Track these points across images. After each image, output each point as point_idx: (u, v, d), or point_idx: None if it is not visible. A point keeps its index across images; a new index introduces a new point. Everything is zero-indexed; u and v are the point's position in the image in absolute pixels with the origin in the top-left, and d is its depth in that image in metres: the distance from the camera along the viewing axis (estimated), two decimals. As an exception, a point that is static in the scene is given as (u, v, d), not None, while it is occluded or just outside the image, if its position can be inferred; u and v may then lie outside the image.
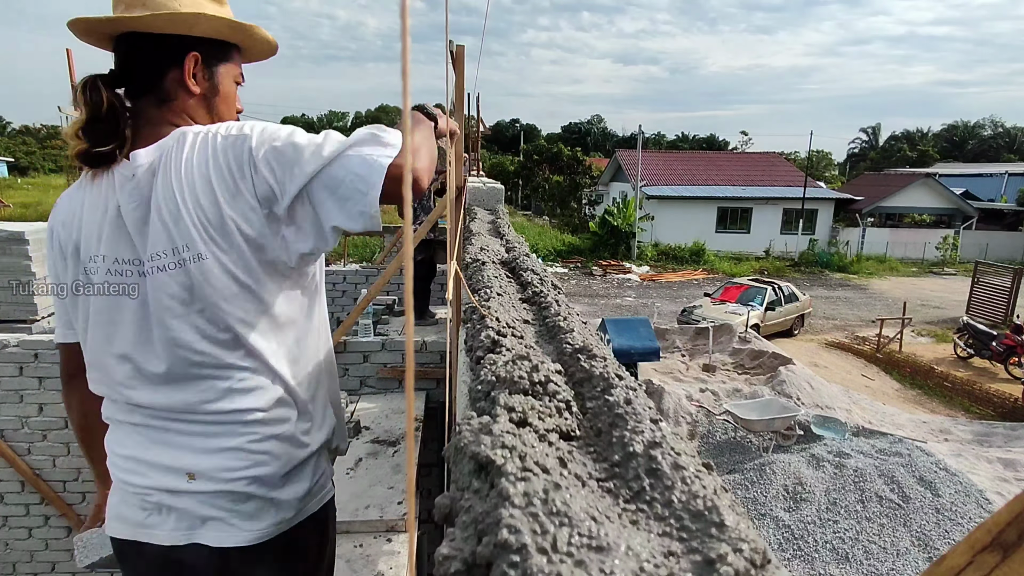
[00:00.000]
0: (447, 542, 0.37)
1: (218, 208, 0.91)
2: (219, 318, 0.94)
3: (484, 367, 0.68)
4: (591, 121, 77.74)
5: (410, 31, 0.30)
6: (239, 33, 1.05)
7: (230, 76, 1.07)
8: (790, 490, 5.75)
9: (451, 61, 2.10)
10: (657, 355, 7.78)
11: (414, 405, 0.38)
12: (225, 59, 1.06)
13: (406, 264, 0.38)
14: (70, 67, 5.69)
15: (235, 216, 0.91)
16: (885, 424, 7.93)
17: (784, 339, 13.08)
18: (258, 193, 0.92)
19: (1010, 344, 11.40)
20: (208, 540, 0.97)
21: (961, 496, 5.69)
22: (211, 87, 1.04)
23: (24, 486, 4.00)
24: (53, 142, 45.49)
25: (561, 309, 0.99)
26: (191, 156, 0.92)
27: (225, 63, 1.06)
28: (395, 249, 7.22)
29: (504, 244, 1.64)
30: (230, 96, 1.08)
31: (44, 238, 5.50)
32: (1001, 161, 46.73)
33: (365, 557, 2.23)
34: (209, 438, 0.97)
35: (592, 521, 0.38)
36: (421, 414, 3.62)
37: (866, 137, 74.54)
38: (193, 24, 0.98)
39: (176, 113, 1.01)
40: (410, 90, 0.30)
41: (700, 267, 22.67)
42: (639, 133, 27.60)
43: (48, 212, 1.14)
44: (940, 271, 24.40)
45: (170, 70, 0.99)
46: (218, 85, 1.05)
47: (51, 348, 3.83)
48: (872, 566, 4.97)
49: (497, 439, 0.45)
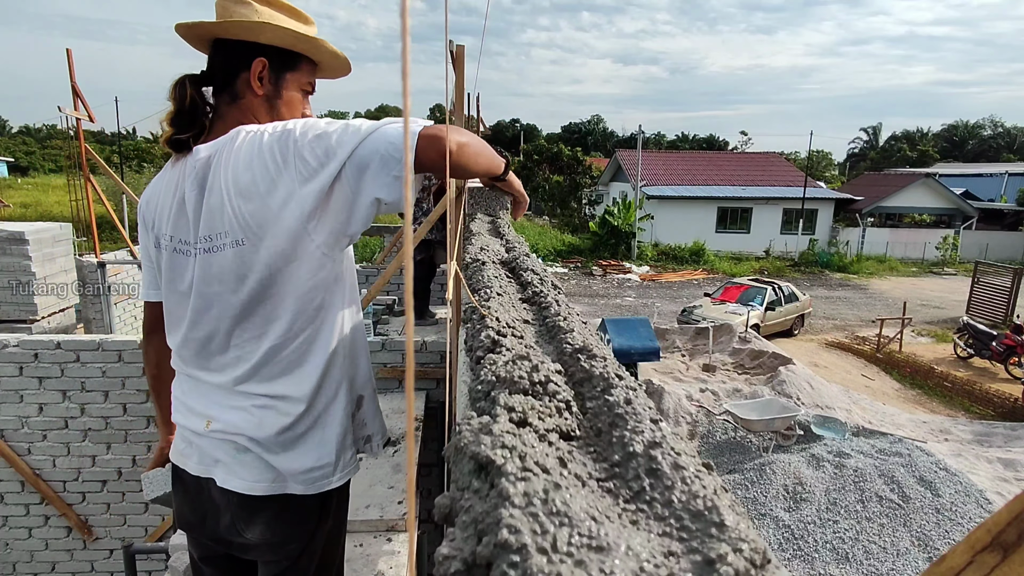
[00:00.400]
0: (447, 542, 0.37)
1: (258, 199, 1.00)
2: (247, 300, 1.05)
3: (484, 367, 0.69)
4: (591, 121, 77.75)
5: (410, 31, 0.30)
6: (304, 44, 1.15)
7: (296, 84, 1.18)
8: (790, 490, 5.75)
9: (451, 61, 2.11)
10: (657, 355, 7.78)
11: (414, 405, 0.38)
12: (292, 68, 1.17)
13: (406, 264, 0.38)
14: (70, 67, 5.69)
15: (273, 206, 0.99)
16: (885, 424, 7.93)
17: (784, 339, 13.08)
18: (301, 178, 0.98)
19: (1010, 344, 11.40)
20: (217, 478, 1.12)
21: (961, 496, 5.69)
22: (275, 91, 1.15)
23: (24, 486, 4.00)
24: (53, 142, 45.48)
25: (561, 309, 0.99)
26: (239, 151, 1.01)
27: (293, 71, 1.17)
28: (395, 249, 7.22)
29: (504, 244, 1.64)
30: (293, 101, 1.18)
31: (44, 238, 5.51)
32: (1001, 161, 46.71)
33: (365, 557, 2.23)
34: (225, 396, 1.12)
35: (592, 521, 0.38)
36: (421, 414, 3.62)
37: (866, 137, 74.51)
38: (259, 32, 1.11)
39: (242, 111, 1.13)
40: (410, 90, 0.30)
41: (700, 267, 22.67)
42: (639, 133, 27.60)
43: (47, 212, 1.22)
44: (940, 271, 24.40)
45: (241, 72, 1.13)
46: (282, 90, 1.16)
47: (51, 348, 3.83)
48: (872, 566, 4.97)
49: (497, 439, 0.45)
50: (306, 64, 1.19)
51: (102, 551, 4.19)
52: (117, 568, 4.14)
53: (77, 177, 8.27)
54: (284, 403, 1.10)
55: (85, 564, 4.21)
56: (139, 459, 4.04)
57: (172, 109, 1.11)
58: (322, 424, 1.14)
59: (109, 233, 15.12)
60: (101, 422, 3.96)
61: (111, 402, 3.94)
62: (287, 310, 1.07)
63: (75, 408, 3.92)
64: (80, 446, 3.99)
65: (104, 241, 12.37)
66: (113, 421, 3.96)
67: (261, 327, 1.08)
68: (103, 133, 40.27)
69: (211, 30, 1.12)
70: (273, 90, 1.15)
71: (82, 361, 3.86)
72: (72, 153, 8.59)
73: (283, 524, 1.14)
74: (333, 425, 1.15)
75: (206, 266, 1.06)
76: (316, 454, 1.13)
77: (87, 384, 3.90)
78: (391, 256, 7.34)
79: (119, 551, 4.04)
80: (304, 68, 1.19)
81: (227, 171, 1.01)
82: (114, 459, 4.03)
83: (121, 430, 3.99)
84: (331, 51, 1.18)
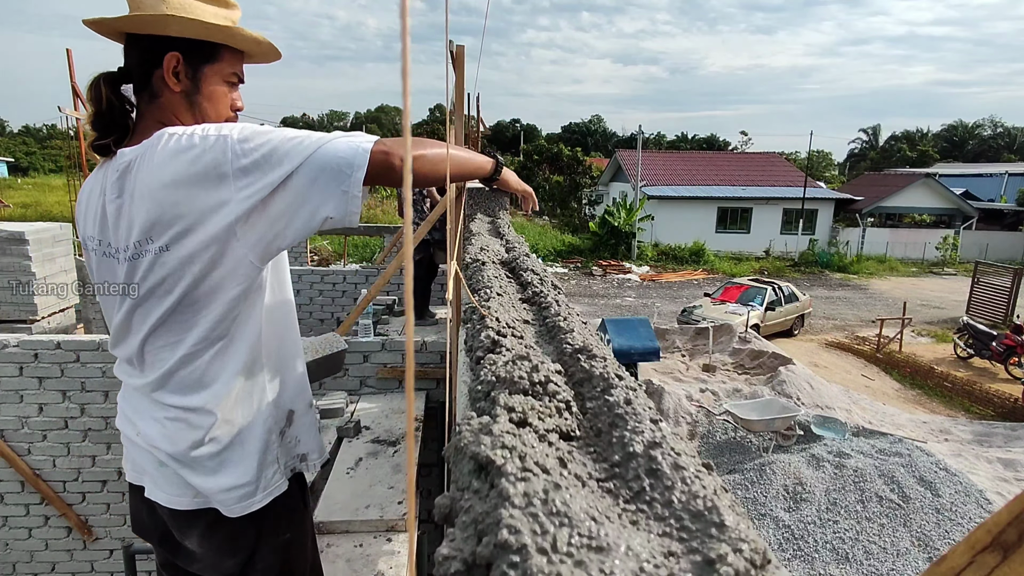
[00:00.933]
0: (447, 542, 0.37)
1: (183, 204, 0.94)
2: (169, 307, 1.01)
3: (484, 367, 0.68)
4: (591, 121, 77.73)
5: (410, 31, 0.30)
6: (218, 34, 1.05)
7: (218, 76, 1.09)
8: (790, 490, 5.75)
9: (451, 61, 2.10)
10: (657, 355, 7.78)
11: (414, 405, 0.38)
12: (211, 60, 1.07)
13: (406, 264, 0.38)
14: (70, 67, 5.69)
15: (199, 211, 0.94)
16: (885, 424, 7.93)
17: (784, 339, 13.08)
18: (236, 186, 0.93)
19: (1010, 344, 11.40)
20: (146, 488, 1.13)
21: (961, 496, 5.69)
22: (193, 86, 1.06)
23: (24, 486, 4.00)
24: (53, 142, 45.50)
25: (561, 309, 0.99)
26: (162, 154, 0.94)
27: (211, 63, 1.07)
28: (395, 249, 7.22)
29: (504, 244, 1.64)
30: (215, 95, 1.09)
31: (44, 238, 5.50)
32: (1001, 161, 46.72)
33: (365, 557, 2.23)
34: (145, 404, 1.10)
35: (592, 521, 0.38)
36: (421, 414, 3.62)
37: (866, 137, 74.48)
38: (166, 25, 1.01)
39: (162, 110, 1.06)
40: (410, 90, 0.30)
41: (700, 267, 22.67)
42: (639, 133, 27.60)
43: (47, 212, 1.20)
44: (940, 271, 24.40)
45: (155, 68, 1.04)
46: (201, 84, 1.07)
47: (51, 348, 3.83)
48: (872, 566, 4.97)
49: (497, 439, 0.45)
50: (228, 53, 1.09)
51: (102, 551, 4.19)
52: (117, 568, 4.14)
53: (77, 177, 8.28)
54: (196, 416, 1.05)
55: (85, 564, 4.21)
56: (139, 459, 4.04)
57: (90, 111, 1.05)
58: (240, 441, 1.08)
59: (109, 233, 15.10)
60: (101, 422, 3.96)
61: (111, 402, 3.94)
62: (205, 318, 1.02)
63: (75, 408, 3.92)
64: (80, 446, 3.99)
65: (104, 241, 12.32)
66: (113, 421, 3.96)
67: (178, 334, 1.03)
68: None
69: (118, 25, 1.03)
70: (191, 85, 1.06)
71: (82, 361, 3.86)
72: (72, 153, 8.59)
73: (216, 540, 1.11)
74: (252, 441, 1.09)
75: (131, 271, 1.01)
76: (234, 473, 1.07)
77: (87, 384, 3.90)
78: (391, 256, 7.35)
79: (119, 551, 4.04)
80: (226, 58, 1.09)
81: (149, 175, 0.95)
82: (114, 459, 4.03)
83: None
84: (251, 38, 1.09)
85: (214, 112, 1.09)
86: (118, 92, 1.06)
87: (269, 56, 1.18)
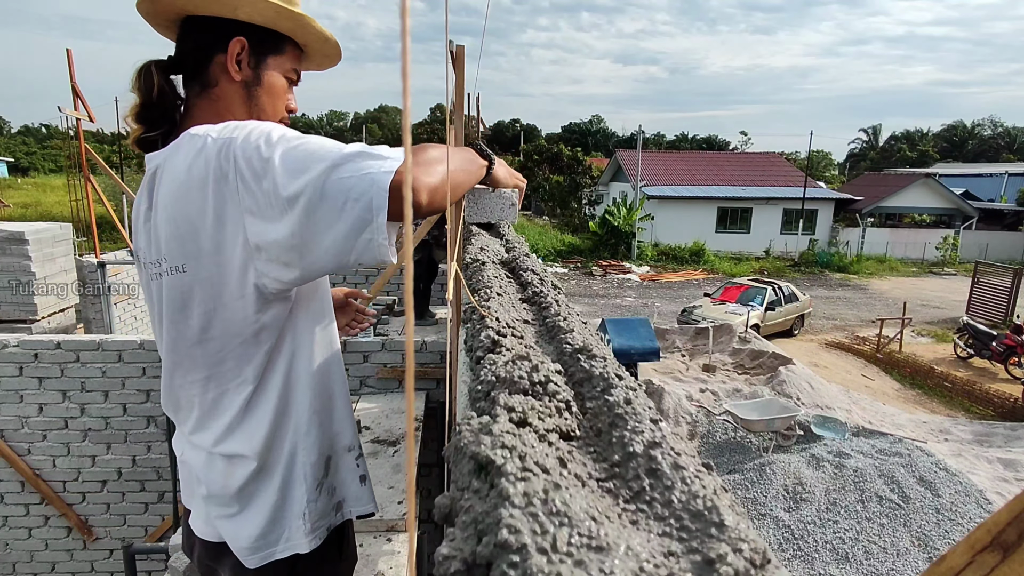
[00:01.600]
0: (447, 542, 0.37)
1: (196, 219, 0.85)
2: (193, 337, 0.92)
3: (484, 367, 0.68)
4: (591, 121, 77.75)
5: (410, 31, 0.30)
6: (288, 21, 0.98)
7: (279, 69, 1.02)
8: (790, 490, 5.75)
9: (451, 61, 2.10)
10: (657, 355, 7.78)
11: (414, 405, 0.38)
12: (275, 51, 1.01)
13: (406, 264, 0.38)
14: (70, 67, 5.69)
15: (211, 228, 0.85)
16: (885, 424, 7.93)
17: (784, 339, 13.08)
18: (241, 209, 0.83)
19: (1010, 344, 11.41)
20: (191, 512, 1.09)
21: (961, 496, 5.69)
22: (255, 76, 0.99)
23: (24, 486, 4.00)
24: (53, 142, 45.50)
25: (561, 309, 0.99)
26: (181, 164, 0.86)
27: (275, 55, 1.01)
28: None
29: (504, 244, 1.64)
30: (275, 89, 1.02)
31: (44, 238, 5.50)
32: (1001, 161, 46.73)
33: (365, 557, 2.23)
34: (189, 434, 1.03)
35: (592, 521, 0.38)
36: (421, 414, 3.62)
37: (866, 137, 74.51)
38: (237, 6, 0.94)
39: (213, 102, 0.98)
40: (410, 90, 0.30)
41: (700, 267, 22.67)
42: (639, 133, 27.59)
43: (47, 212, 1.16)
44: (940, 271, 24.41)
45: (216, 55, 0.97)
46: (262, 75, 1.00)
47: (51, 348, 3.84)
48: (872, 566, 4.97)
49: (497, 439, 0.45)
50: (291, 48, 1.03)
51: (102, 551, 4.19)
52: (117, 568, 4.14)
53: (77, 177, 8.28)
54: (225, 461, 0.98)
55: (85, 564, 4.21)
56: (139, 459, 4.05)
57: (137, 102, 0.96)
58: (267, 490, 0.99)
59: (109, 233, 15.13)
60: (101, 422, 3.96)
61: (111, 402, 3.94)
62: (231, 353, 0.92)
63: (75, 408, 3.92)
64: (80, 446, 3.99)
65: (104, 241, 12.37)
66: (113, 421, 3.96)
67: (207, 369, 0.94)
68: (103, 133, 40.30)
69: (180, 5, 0.96)
70: (253, 75, 0.99)
71: (82, 361, 3.86)
72: (72, 153, 8.60)
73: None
74: (279, 492, 0.99)
75: (160, 290, 0.93)
76: (253, 522, 0.98)
77: (87, 384, 3.90)
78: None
79: (119, 551, 4.04)
80: (289, 52, 1.03)
81: (169, 185, 0.87)
82: (114, 459, 4.04)
83: (121, 430, 3.99)
84: (320, 32, 1.02)
85: (271, 107, 1.02)
86: (171, 80, 0.98)
87: (327, 60, 1.11)
